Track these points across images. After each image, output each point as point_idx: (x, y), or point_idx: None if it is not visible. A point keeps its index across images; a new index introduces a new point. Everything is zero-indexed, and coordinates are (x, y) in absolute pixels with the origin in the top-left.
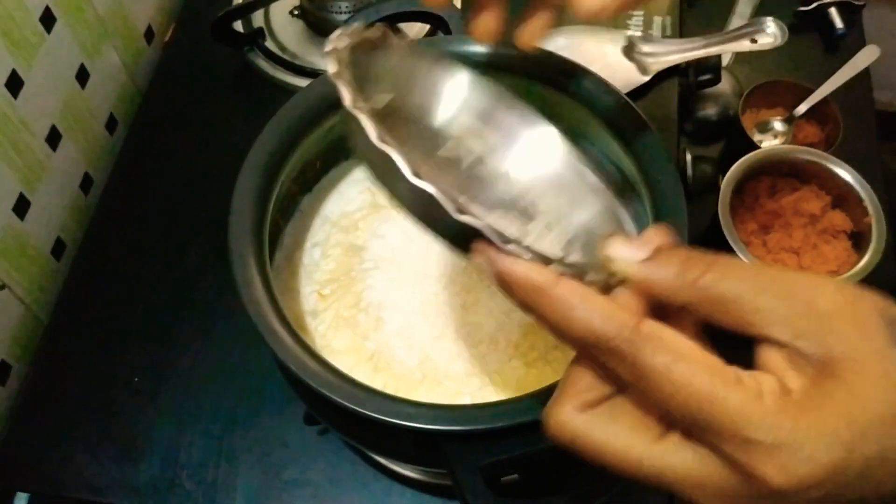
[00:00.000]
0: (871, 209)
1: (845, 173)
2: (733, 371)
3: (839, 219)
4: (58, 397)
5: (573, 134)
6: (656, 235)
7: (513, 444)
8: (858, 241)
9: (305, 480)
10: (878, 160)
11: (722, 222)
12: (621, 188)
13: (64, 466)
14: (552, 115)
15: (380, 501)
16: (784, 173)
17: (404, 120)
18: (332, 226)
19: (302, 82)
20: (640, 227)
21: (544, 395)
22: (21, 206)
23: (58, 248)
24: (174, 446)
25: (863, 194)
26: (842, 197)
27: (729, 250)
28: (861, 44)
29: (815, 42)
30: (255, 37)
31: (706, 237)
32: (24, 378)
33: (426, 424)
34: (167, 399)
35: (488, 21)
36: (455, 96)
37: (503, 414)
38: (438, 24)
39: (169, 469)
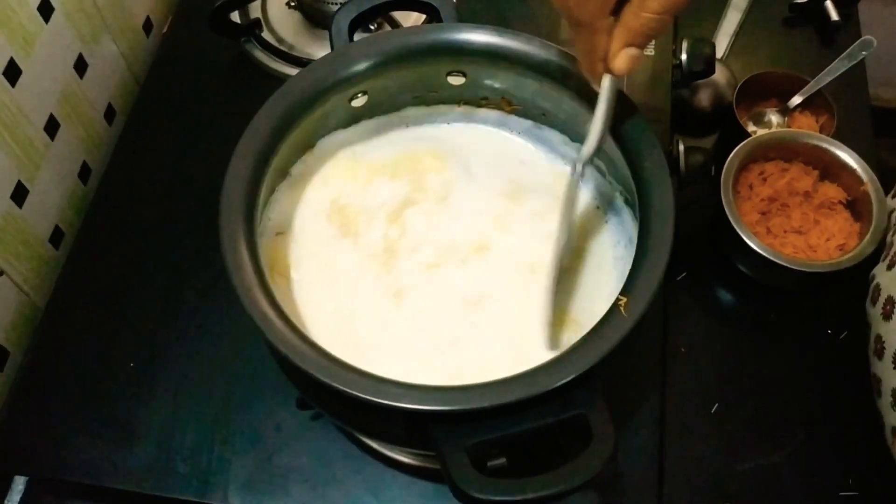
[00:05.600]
0: (864, 177)
1: (829, 146)
2: None
3: (832, 190)
4: (55, 382)
5: (566, 122)
6: None
7: (499, 425)
8: (855, 210)
9: (298, 465)
10: (874, 151)
11: (728, 213)
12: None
13: (61, 450)
14: (545, 105)
15: (371, 485)
16: (770, 157)
17: None
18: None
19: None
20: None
21: (530, 377)
22: (19, 194)
23: (56, 236)
24: (169, 431)
25: (853, 164)
26: (828, 168)
27: (736, 241)
28: (856, 37)
29: (810, 34)
30: (252, 28)
31: (711, 231)
32: (22, 363)
33: (413, 404)
34: (163, 384)
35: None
36: None
37: (490, 394)
38: (431, 13)
39: (164, 453)
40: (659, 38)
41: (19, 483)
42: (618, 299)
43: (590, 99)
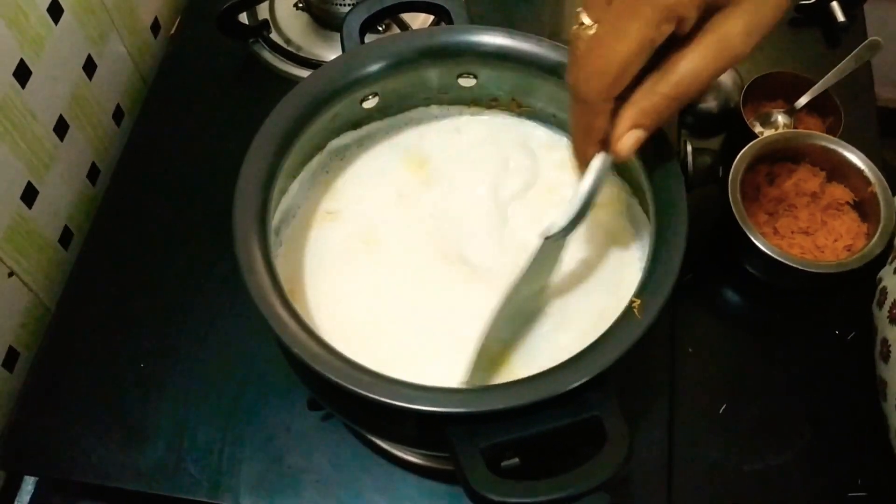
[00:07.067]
0: (872, 178)
1: (837, 147)
2: None
3: (839, 191)
4: (65, 383)
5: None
6: None
7: (514, 426)
8: (862, 210)
9: (308, 466)
10: (880, 152)
11: (735, 213)
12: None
13: (71, 451)
14: (554, 107)
15: (382, 486)
16: (777, 158)
17: None
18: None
19: (306, 74)
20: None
21: (545, 379)
22: (29, 195)
23: (65, 237)
24: (179, 431)
25: (861, 165)
26: (835, 169)
27: (744, 241)
28: (862, 37)
29: (817, 35)
30: (260, 29)
31: (718, 232)
32: (32, 364)
33: (429, 406)
34: (173, 385)
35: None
36: None
37: (505, 396)
38: (442, 15)
39: (174, 454)
40: (666, 125)
41: (28, 483)
42: (631, 301)
43: None
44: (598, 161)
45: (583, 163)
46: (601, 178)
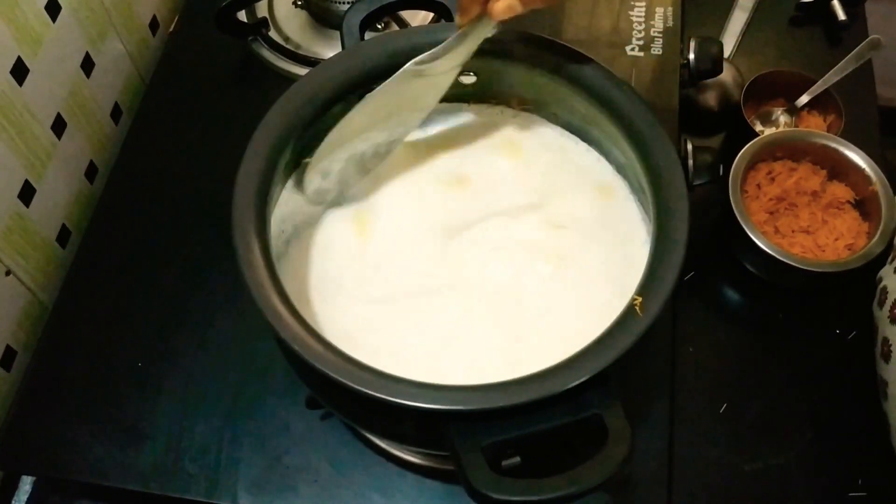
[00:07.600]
0: (873, 177)
1: (838, 145)
2: None
3: (840, 190)
4: (63, 382)
5: (577, 122)
6: None
7: (515, 425)
8: (864, 209)
9: (306, 465)
10: (881, 151)
11: (736, 212)
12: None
13: (68, 450)
14: (554, 104)
15: (381, 486)
16: (778, 157)
17: None
18: None
19: (305, 72)
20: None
21: (546, 377)
22: (27, 193)
23: (63, 236)
24: (177, 430)
25: (862, 164)
26: (836, 168)
27: (745, 240)
28: (863, 36)
29: (818, 33)
30: (259, 27)
31: (719, 231)
32: (30, 363)
33: (430, 404)
34: (171, 384)
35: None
36: None
37: (506, 394)
38: (441, 12)
39: (172, 453)
40: (540, 8)
41: (26, 483)
42: (633, 299)
43: (601, 99)
44: (477, 22)
45: (464, 15)
46: (475, 35)
